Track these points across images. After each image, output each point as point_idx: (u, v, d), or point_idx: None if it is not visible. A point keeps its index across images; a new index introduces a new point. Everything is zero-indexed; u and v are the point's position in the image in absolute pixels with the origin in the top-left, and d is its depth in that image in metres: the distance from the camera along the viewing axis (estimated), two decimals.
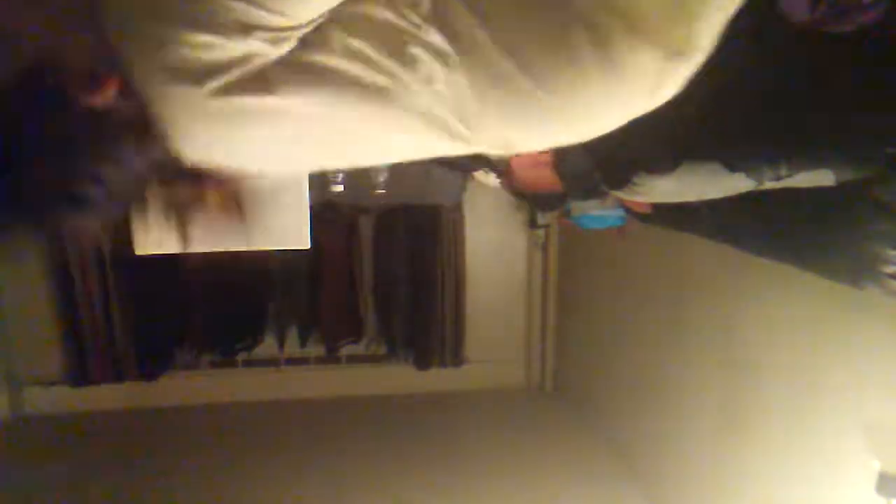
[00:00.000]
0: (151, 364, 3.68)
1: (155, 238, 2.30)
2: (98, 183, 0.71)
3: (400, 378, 3.94)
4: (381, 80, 0.73)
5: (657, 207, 1.96)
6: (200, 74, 0.67)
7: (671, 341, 2.75)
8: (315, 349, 3.92)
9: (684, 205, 1.59)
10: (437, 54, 0.73)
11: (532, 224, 3.63)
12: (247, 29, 0.66)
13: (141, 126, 0.70)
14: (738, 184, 1.38)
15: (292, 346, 3.89)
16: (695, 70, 0.82)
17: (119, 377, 3.63)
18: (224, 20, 0.65)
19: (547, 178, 1.71)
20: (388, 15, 0.72)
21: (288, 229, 2.36)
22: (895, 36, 1.18)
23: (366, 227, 3.77)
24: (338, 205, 3.60)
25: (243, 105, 0.69)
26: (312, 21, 0.70)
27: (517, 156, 1.71)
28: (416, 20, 0.73)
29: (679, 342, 2.70)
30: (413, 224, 3.77)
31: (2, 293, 3.49)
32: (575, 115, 0.82)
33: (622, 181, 1.44)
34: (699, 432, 2.56)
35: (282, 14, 0.67)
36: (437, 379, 3.90)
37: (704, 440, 2.53)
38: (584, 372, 3.72)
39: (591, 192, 1.82)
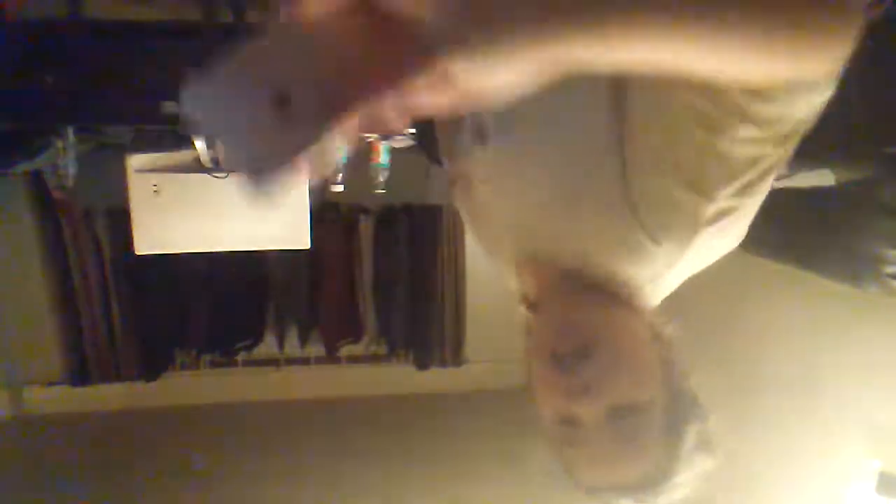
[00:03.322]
0: (151, 364, 3.68)
1: (155, 238, 2.30)
2: None
3: (400, 378, 3.93)
4: None
5: None
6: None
7: None
8: (315, 349, 3.92)
9: None
10: None
11: None
12: None
13: None
14: None
15: (292, 346, 3.88)
16: None
17: (119, 377, 3.63)
18: None
19: None
20: None
21: (288, 229, 2.36)
22: (895, 35, 1.18)
23: (366, 227, 3.77)
24: (338, 205, 3.60)
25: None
26: None
27: None
28: None
29: (678, 342, 2.69)
30: (413, 223, 3.77)
31: (2, 293, 3.49)
32: None
33: None
34: None
35: None
36: (437, 379, 3.90)
37: None
38: None
39: None
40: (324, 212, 3.48)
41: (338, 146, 0.50)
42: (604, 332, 0.79)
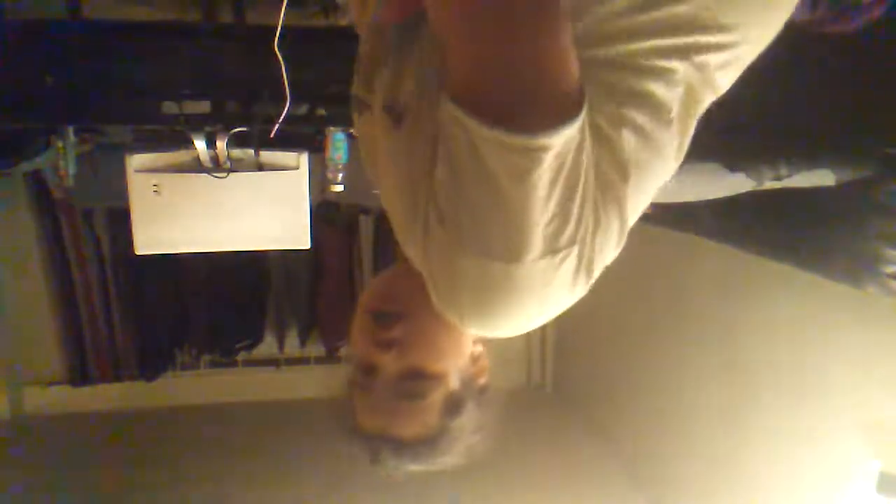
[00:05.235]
0: (151, 364, 3.68)
1: (155, 238, 2.30)
2: None
3: None
4: None
5: (657, 207, 1.96)
6: None
7: (672, 341, 2.75)
8: (315, 349, 3.92)
9: (684, 205, 1.59)
10: None
11: None
12: None
13: None
14: (738, 184, 1.38)
15: (292, 346, 3.88)
16: None
17: (119, 377, 3.63)
18: None
19: None
20: None
21: (288, 229, 2.36)
22: (895, 36, 1.18)
23: (366, 227, 3.77)
24: (338, 205, 3.60)
25: None
26: None
27: None
28: None
29: (679, 342, 2.69)
30: None
31: (2, 293, 3.49)
32: None
33: None
34: (699, 432, 2.56)
35: None
36: None
37: (704, 440, 2.53)
38: (584, 372, 3.72)
39: None
40: (324, 212, 3.48)
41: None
42: (425, 306, 0.83)
